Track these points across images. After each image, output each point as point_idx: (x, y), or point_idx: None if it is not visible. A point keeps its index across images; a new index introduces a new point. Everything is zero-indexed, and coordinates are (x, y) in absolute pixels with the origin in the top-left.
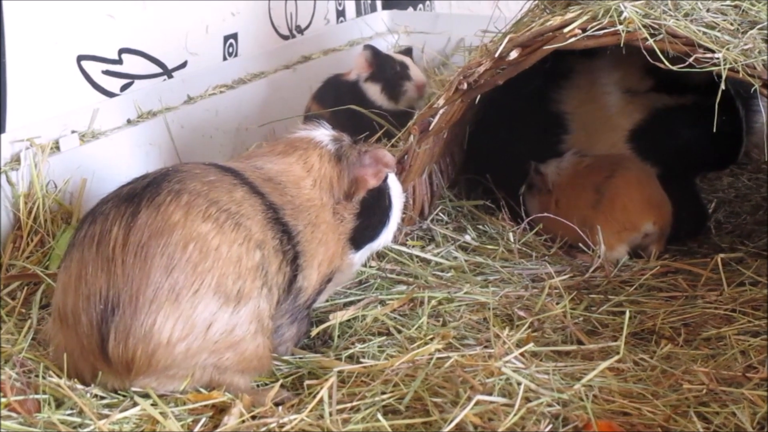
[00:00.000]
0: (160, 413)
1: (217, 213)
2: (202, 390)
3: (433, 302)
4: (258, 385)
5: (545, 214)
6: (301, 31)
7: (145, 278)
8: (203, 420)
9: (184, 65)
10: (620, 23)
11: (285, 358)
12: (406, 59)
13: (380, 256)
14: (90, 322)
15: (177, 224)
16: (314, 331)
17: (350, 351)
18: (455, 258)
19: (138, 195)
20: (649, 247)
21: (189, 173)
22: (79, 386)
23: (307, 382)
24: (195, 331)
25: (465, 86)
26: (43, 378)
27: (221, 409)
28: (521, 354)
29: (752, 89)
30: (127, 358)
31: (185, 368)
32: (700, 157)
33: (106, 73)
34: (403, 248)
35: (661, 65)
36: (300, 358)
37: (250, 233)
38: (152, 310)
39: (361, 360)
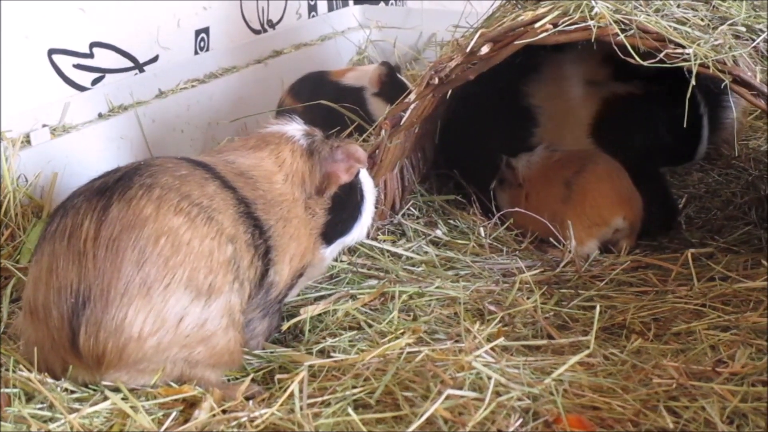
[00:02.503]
0: (131, 407)
1: (188, 207)
2: (172, 384)
3: (404, 297)
4: (229, 380)
5: (516, 209)
6: (272, 25)
7: (117, 272)
8: (174, 414)
9: (155, 59)
10: (591, 18)
11: (256, 352)
12: None
13: (351, 250)
14: (61, 316)
15: (149, 218)
16: (285, 326)
17: (321, 345)
18: (426, 253)
19: (109, 189)
20: (619, 243)
21: (161, 167)
22: (50, 380)
23: (278, 376)
24: (166, 326)
25: (436, 81)
26: (14, 372)
27: (192, 404)
28: (492, 348)
29: (722, 85)
30: (97, 351)
31: (156, 362)
32: (656, 148)
33: (78, 66)
34: (375, 243)
35: (632, 60)
36: (271, 352)
37: (221, 227)
38: (123, 303)
39: (332, 354)
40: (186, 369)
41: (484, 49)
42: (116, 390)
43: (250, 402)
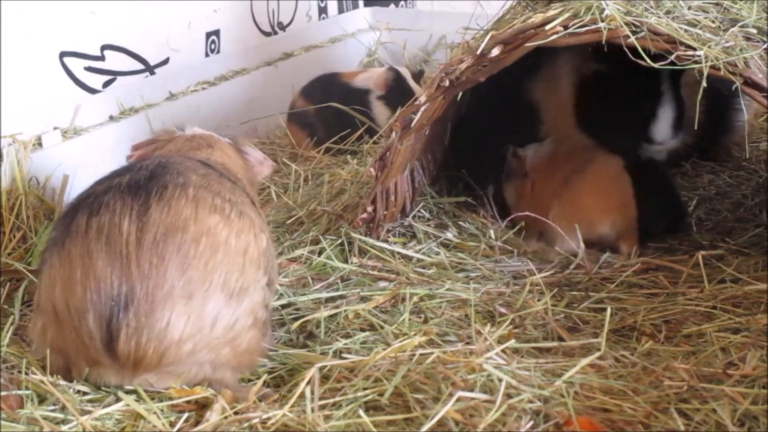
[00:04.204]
0: (144, 409)
1: (222, 204)
2: (185, 386)
3: (415, 299)
4: (240, 381)
5: (525, 213)
6: (283, 27)
7: (162, 276)
8: (185, 416)
9: (166, 62)
10: (602, 20)
11: (271, 353)
12: None
13: (362, 252)
14: (98, 318)
15: (189, 219)
16: (295, 324)
17: (333, 347)
18: (437, 255)
19: (143, 188)
20: (619, 247)
21: (183, 165)
22: (62, 382)
23: (288, 377)
24: (203, 329)
25: (447, 83)
26: (26, 374)
27: (203, 405)
28: (502, 350)
29: (733, 87)
30: (137, 355)
31: (187, 365)
32: (618, 125)
33: (89, 69)
34: (385, 245)
35: (643, 63)
36: (283, 353)
37: (252, 220)
38: (167, 308)
39: (344, 356)
40: (209, 371)
41: (495, 51)
42: (128, 392)
43: (262, 403)
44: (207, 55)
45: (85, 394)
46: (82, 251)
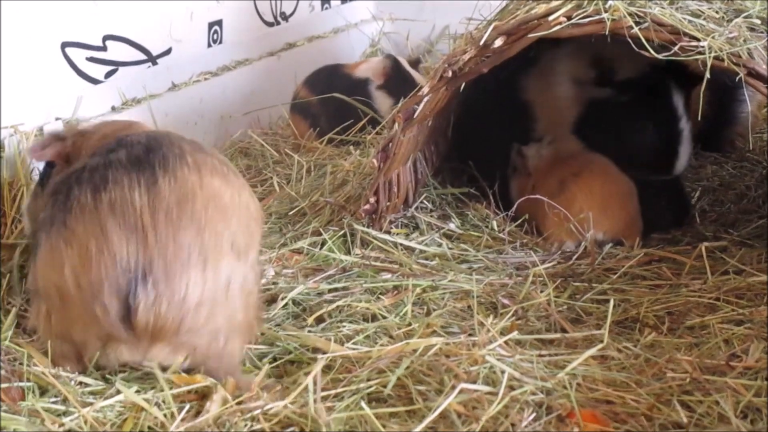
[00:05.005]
0: (144, 400)
1: (219, 165)
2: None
3: (418, 290)
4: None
5: (528, 198)
6: (285, 18)
7: (178, 245)
8: (187, 407)
9: (168, 52)
10: (605, 11)
11: (274, 337)
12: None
13: (364, 243)
14: (115, 292)
15: (196, 186)
16: (310, 320)
17: (334, 337)
18: (440, 246)
19: (145, 161)
20: (620, 242)
21: (172, 136)
22: (64, 373)
23: (291, 368)
24: (218, 291)
25: (450, 74)
26: (28, 366)
27: (204, 395)
28: (505, 342)
29: (737, 78)
30: (156, 326)
31: (202, 336)
32: (632, 157)
33: (91, 59)
34: (387, 236)
35: (647, 54)
36: (288, 334)
37: (243, 179)
38: (184, 275)
39: (348, 346)
40: (222, 344)
41: (498, 42)
42: (129, 384)
43: (264, 394)
44: (209, 45)
45: (86, 386)
46: (92, 228)
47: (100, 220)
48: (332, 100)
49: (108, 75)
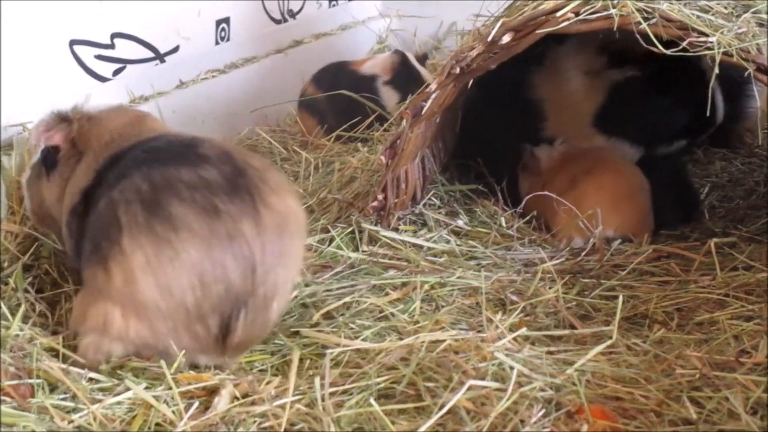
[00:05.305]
0: (154, 397)
1: (283, 180)
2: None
3: (426, 287)
4: (251, 369)
5: (537, 195)
6: (293, 15)
7: (275, 275)
8: (196, 404)
9: (176, 50)
10: (613, 7)
11: (283, 333)
12: None
13: (372, 240)
14: (219, 314)
15: (286, 211)
16: (317, 316)
17: (344, 334)
18: (448, 242)
19: (242, 187)
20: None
21: (238, 149)
22: (74, 369)
23: (299, 364)
24: (287, 300)
25: (457, 71)
26: (38, 362)
27: (212, 391)
28: (514, 339)
29: (746, 74)
30: (243, 344)
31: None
32: (673, 124)
33: (99, 57)
34: (396, 233)
35: (655, 49)
36: (295, 331)
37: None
38: (276, 300)
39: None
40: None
41: (506, 39)
42: (137, 381)
43: (272, 391)
44: (217, 42)
45: (96, 382)
46: (205, 254)
47: (216, 249)
48: (339, 97)
49: (116, 73)
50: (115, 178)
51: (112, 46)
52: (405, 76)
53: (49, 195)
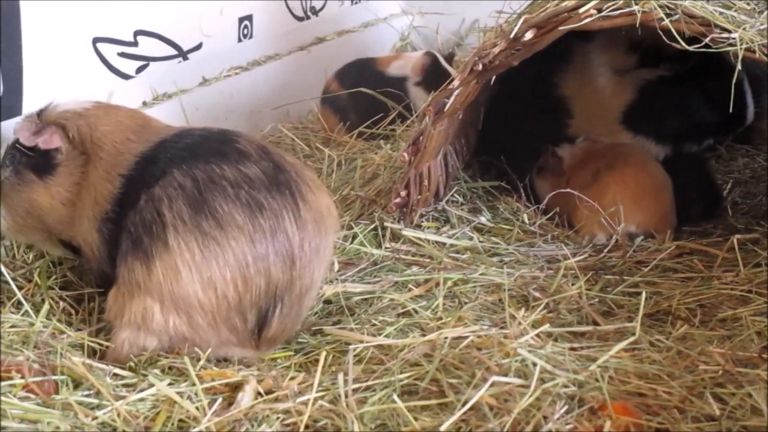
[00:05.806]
0: (177, 393)
1: (315, 177)
2: (214, 368)
3: (449, 283)
4: (275, 366)
5: (559, 191)
6: (315, 12)
7: (311, 272)
8: (219, 400)
9: (199, 47)
10: (636, 3)
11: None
12: None
13: (395, 237)
14: (257, 308)
15: (322, 210)
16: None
17: (367, 330)
18: (470, 239)
19: (283, 184)
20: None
21: (272, 147)
22: (96, 364)
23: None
24: (317, 294)
25: (480, 67)
26: (61, 359)
27: (236, 387)
28: (537, 335)
29: None
30: (277, 335)
31: None
32: (698, 125)
33: (122, 55)
34: (418, 230)
35: (677, 46)
36: (318, 329)
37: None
38: (310, 294)
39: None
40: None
41: (528, 35)
42: (162, 377)
43: (296, 387)
44: (240, 40)
45: (120, 378)
46: (249, 249)
47: (259, 244)
48: (362, 93)
49: (139, 70)
50: (152, 177)
51: (135, 44)
52: (436, 77)
53: (49, 200)
